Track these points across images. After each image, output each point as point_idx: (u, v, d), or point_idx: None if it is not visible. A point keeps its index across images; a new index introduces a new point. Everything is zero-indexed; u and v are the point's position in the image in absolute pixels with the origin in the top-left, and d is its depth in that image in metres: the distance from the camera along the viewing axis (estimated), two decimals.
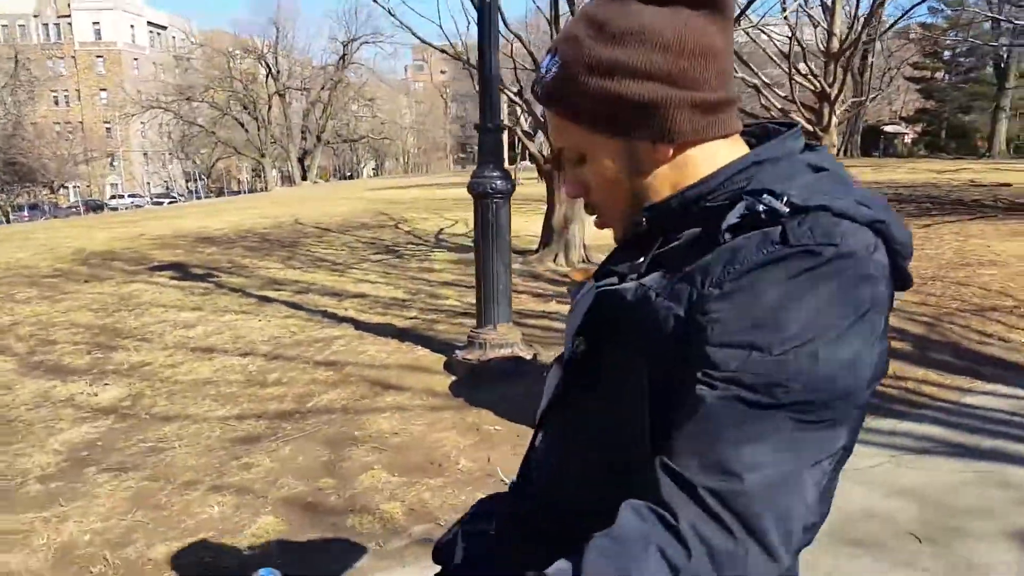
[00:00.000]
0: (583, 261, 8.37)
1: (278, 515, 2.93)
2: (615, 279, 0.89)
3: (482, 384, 4.29)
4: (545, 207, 9.46)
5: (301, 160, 50.77)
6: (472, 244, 10.71)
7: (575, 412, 0.93)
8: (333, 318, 6.17)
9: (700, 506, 0.66)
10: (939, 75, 43.00)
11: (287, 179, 51.12)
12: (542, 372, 4.29)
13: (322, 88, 50.74)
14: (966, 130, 41.45)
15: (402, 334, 5.54)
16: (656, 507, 0.68)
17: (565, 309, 6.14)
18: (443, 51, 8.82)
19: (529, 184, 26.70)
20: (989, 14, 13.89)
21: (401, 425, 3.82)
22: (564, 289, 7.06)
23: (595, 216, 0.93)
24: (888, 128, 41.93)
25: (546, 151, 8.63)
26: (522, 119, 11.45)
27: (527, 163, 32.37)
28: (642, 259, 0.86)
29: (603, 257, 0.98)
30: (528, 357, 4.49)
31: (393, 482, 3.20)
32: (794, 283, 0.68)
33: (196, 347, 5.38)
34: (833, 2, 12.60)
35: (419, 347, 5.16)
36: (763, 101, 13.01)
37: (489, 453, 3.45)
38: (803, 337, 0.67)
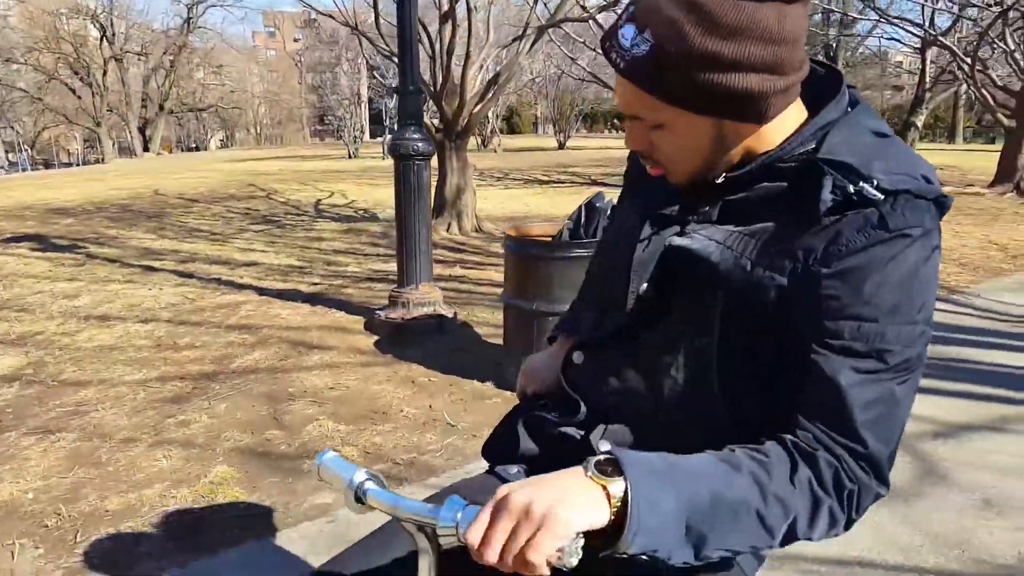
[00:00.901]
0: (476, 230, 8.56)
1: (232, 464, 2.95)
2: (677, 228, 0.94)
3: (407, 341, 4.41)
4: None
5: (142, 130, 47.17)
6: (357, 215, 10.66)
7: (639, 346, 0.98)
8: (230, 285, 6.02)
9: (835, 458, 0.80)
10: None
11: (126, 150, 47.38)
12: (461, 328, 4.49)
13: (164, 53, 47.28)
14: None
15: (312, 299, 5.51)
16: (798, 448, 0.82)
17: (473, 274, 6.35)
18: (330, 16, 8.62)
19: None
20: (825, 7, 15.23)
21: (334, 380, 3.87)
22: (462, 257, 7.23)
23: (653, 166, 0.94)
24: None
25: (436, 121, 8.70)
26: None
27: (390, 137, 32.04)
28: (707, 208, 0.92)
29: (494, 226, 1.12)
30: (449, 315, 4.64)
31: (342, 430, 3.28)
32: (894, 264, 0.80)
33: (88, 316, 5.10)
34: None
35: (333, 310, 5.18)
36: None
37: (429, 401, 3.59)
38: (908, 312, 0.81)
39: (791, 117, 0.89)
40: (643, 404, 0.96)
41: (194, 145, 62.86)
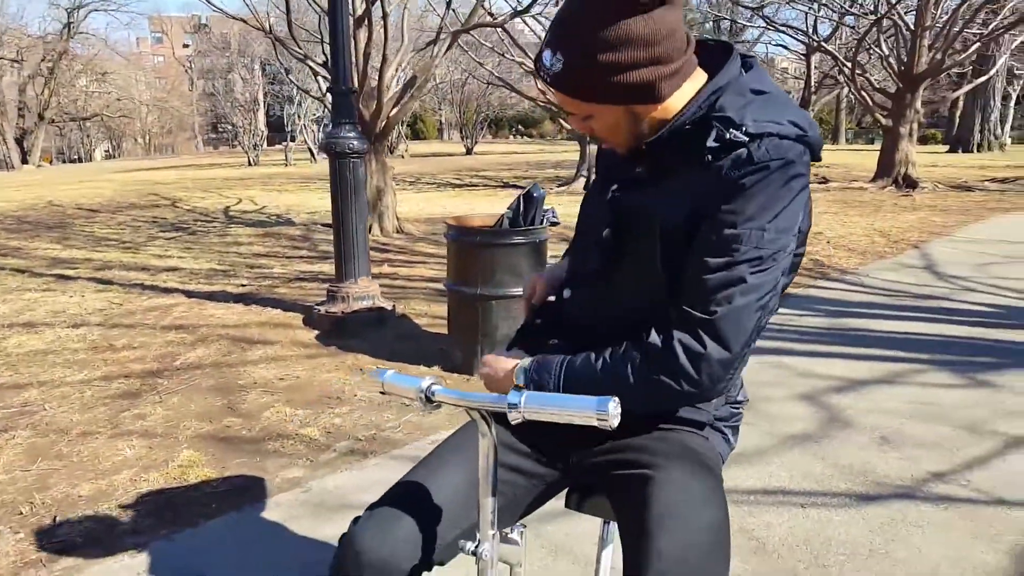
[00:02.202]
0: (398, 232, 8.69)
1: (197, 449, 3.04)
2: (616, 186, 1.24)
3: (349, 333, 4.54)
4: None
5: (19, 141, 44.34)
6: (270, 220, 10.56)
7: (606, 281, 1.25)
8: (155, 289, 5.96)
9: (689, 328, 1.10)
10: None
11: (2, 163, 44.42)
12: (401, 320, 4.67)
13: (42, 60, 44.61)
14: None
15: (243, 299, 5.54)
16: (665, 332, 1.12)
17: (404, 271, 6.50)
18: (243, 20, 8.57)
19: (302, 165, 26.16)
20: (716, 15, 16.16)
21: (283, 371, 3.98)
22: (388, 256, 7.36)
23: (602, 139, 1.24)
24: None
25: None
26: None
27: (294, 143, 31.43)
28: (640, 169, 1.21)
29: (415, 228, 1.42)
30: (389, 308, 4.81)
31: (300, 414, 3.41)
32: (757, 187, 1.07)
33: (12, 323, 4.97)
34: None
35: (269, 308, 5.24)
36: (540, 85, 14.11)
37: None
38: (760, 220, 1.07)
39: (689, 87, 1.14)
40: (615, 309, 1.25)
41: (76, 156, 59.41)
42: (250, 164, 27.58)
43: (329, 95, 4.64)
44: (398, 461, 2.94)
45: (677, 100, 1.14)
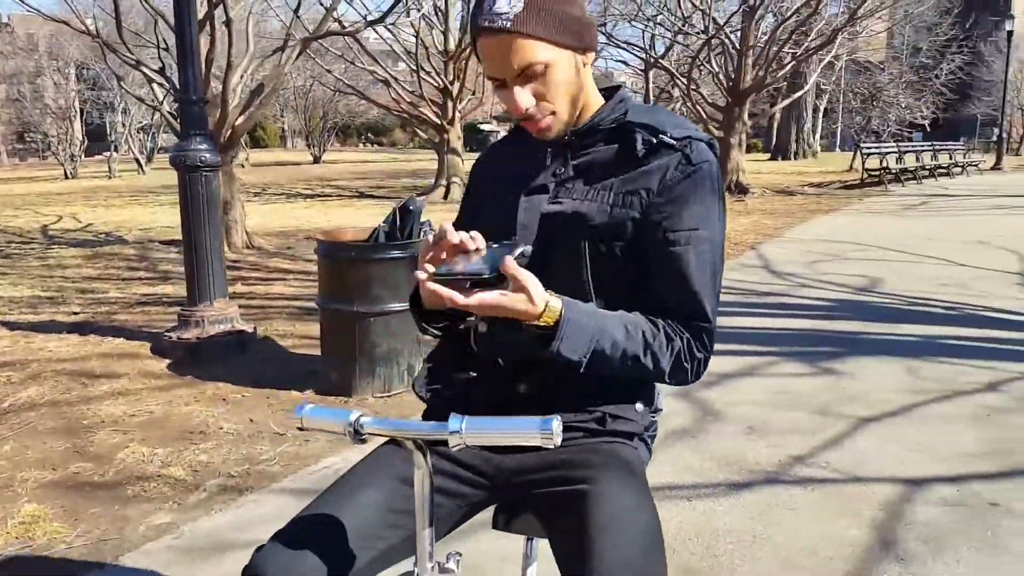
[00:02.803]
0: (248, 247, 8.24)
1: (41, 502, 2.70)
2: (546, 196, 1.22)
3: (207, 360, 4.23)
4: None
5: None
6: (99, 239, 9.71)
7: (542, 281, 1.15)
8: None
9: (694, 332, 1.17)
10: None
11: None
12: (263, 342, 4.45)
13: None
14: None
15: (78, 328, 5.03)
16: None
17: (260, 289, 6.17)
18: (65, 23, 7.81)
19: (129, 177, 24.26)
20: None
21: (135, 407, 3.63)
22: (241, 274, 6.96)
23: (537, 121, 1.17)
24: (483, 126, 46.96)
25: None
26: (166, 101, 10.51)
27: (118, 154, 29.09)
28: (562, 170, 1.22)
29: (266, 241, 1.34)
30: (250, 330, 4.53)
31: (160, 453, 3.12)
32: (700, 184, 1.17)
33: None
34: (446, 6, 13.99)
35: (109, 337, 4.78)
36: (393, 94, 13.94)
37: (248, 416, 3.52)
38: (711, 214, 1.18)
39: (598, 97, 1.24)
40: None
41: None
42: (67, 177, 25.20)
43: (167, 104, 4.31)
44: (278, 496, 2.76)
45: (593, 100, 1.22)
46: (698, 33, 13.90)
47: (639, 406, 1.25)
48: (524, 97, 1.14)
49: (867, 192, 15.78)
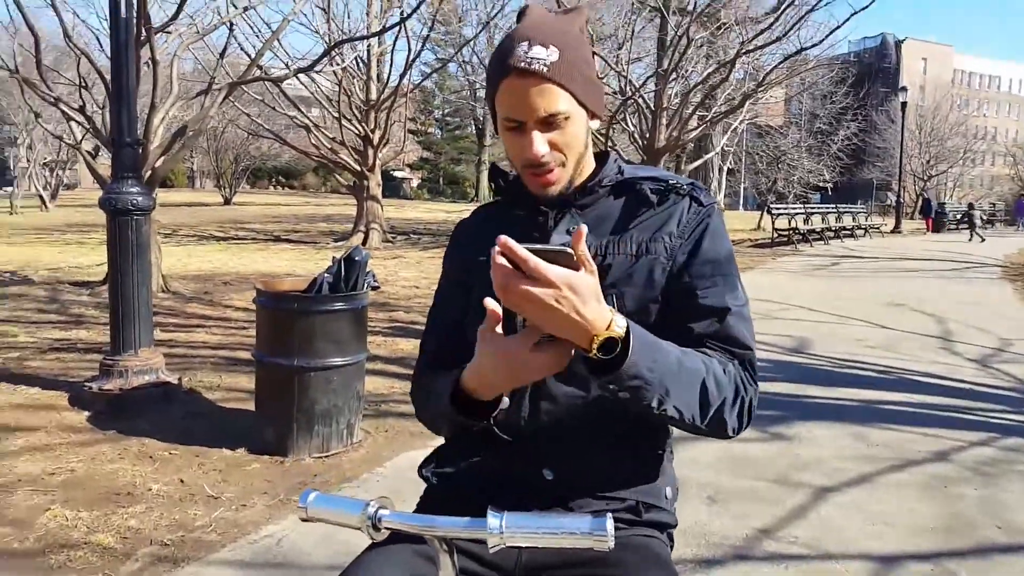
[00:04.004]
0: (164, 291, 7.91)
1: None
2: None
3: (130, 414, 4.01)
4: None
5: None
6: (3, 278, 9.11)
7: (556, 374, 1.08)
8: None
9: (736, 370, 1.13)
10: (432, 131, 50.16)
11: None
12: (189, 395, 4.29)
13: None
14: (457, 178, 49.36)
15: None
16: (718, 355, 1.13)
17: (182, 336, 5.93)
18: None
19: (31, 214, 22.97)
20: (466, 79, 17.12)
21: (54, 464, 3.40)
22: (158, 320, 6.66)
23: (546, 173, 1.16)
24: (396, 173, 47.02)
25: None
26: (85, 140, 10.00)
27: (20, 189, 27.51)
28: (573, 225, 1.17)
29: (182, 285, 1.28)
30: (174, 382, 4.33)
31: (84, 517, 2.92)
32: (715, 225, 1.21)
33: None
34: (368, 59, 14.12)
35: (22, 386, 4.47)
36: (313, 140, 13.84)
37: (178, 476, 3.35)
38: (728, 253, 1.21)
39: (592, 155, 1.25)
40: (574, 408, 1.15)
41: None
42: None
43: (85, 143, 4.15)
44: (218, 568, 2.62)
45: (589, 162, 1.23)
46: (613, 93, 14.47)
47: (668, 491, 1.22)
48: (541, 142, 1.14)
49: (778, 251, 16.60)
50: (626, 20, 15.85)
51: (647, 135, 14.78)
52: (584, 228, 0.94)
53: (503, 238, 0.90)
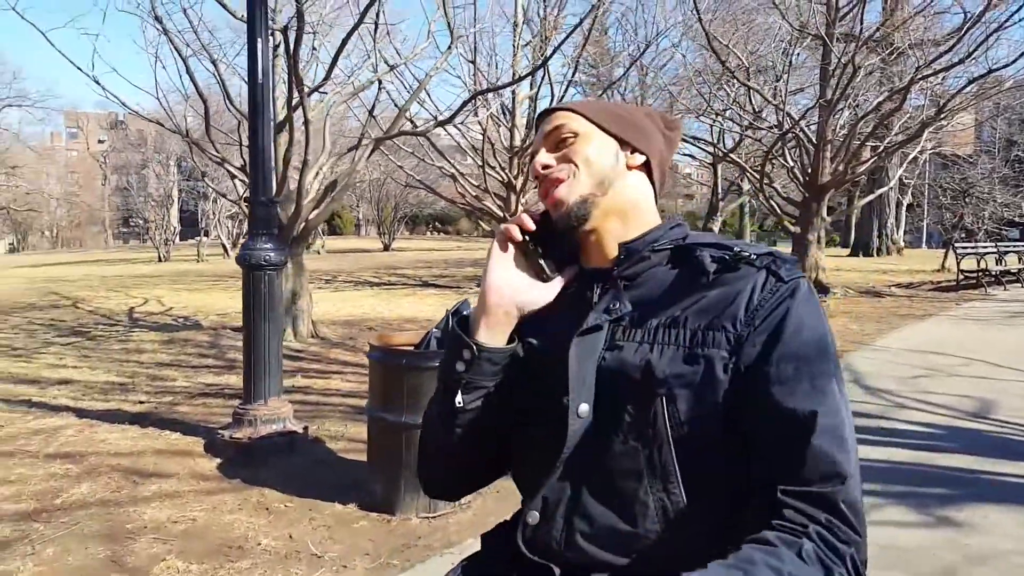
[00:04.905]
0: (313, 336, 8.32)
1: None
2: (600, 340, 0.98)
3: (256, 462, 4.15)
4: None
5: None
6: (177, 323, 10.02)
7: (595, 478, 0.96)
8: (44, 407, 5.40)
9: (823, 528, 0.84)
10: None
11: None
12: (314, 444, 4.31)
13: None
14: None
15: (140, 419, 5.06)
16: (781, 534, 0.84)
17: (318, 384, 6.14)
18: (159, 124, 8.32)
19: (215, 261, 25.41)
20: None
21: (179, 512, 3.55)
22: (302, 365, 6.98)
23: (552, 186, 1.05)
24: None
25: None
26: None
27: (208, 239, 30.63)
28: (616, 304, 0.99)
29: (330, 330, 1.19)
30: (300, 431, 4.44)
31: (194, 570, 2.99)
32: (803, 304, 0.94)
33: None
34: (513, 106, 14.39)
35: (167, 431, 4.77)
36: (458, 188, 14.26)
37: (288, 531, 3.37)
38: (821, 345, 0.92)
39: (653, 217, 1.08)
40: (617, 539, 0.95)
41: None
42: (161, 260, 26.70)
43: (245, 201, 4.41)
44: None
45: (646, 218, 1.08)
46: (770, 128, 13.76)
47: None
48: (543, 156, 1.07)
49: (964, 295, 14.84)
50: (785, 51, 15.14)
51: (809, 170, 13.92)
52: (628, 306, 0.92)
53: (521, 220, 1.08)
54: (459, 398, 1.05)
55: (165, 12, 8.54)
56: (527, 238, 1.07)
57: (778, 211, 14.28)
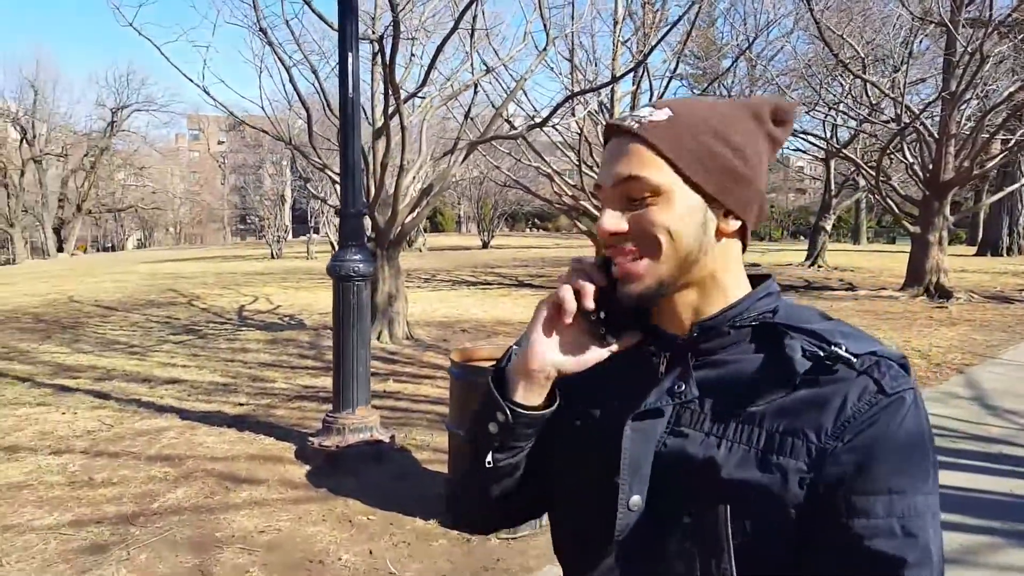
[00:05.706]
0: (407, 338, 8.44)
1: None
2: (662, 425, 0.86)
3: (342, 471, 4.19)
4: None
5: (57, 231, 45.60)
6: (283, 322, 10.40)
7: (653, 554, 0.86)
8: (151, 407, 5.68)
9: None
10: None
11: (39, 251, 45.53)
12: (400, 453, 4.29)
13: (85, 155, 46.40)
14: None
15: (238, 422, 5.24)
16: None
17: (408, 388, 6.19)
18: (264, 131, 8.65)
19: (323, 258, 26.36)
20: None
21: (265, 522, 3.62)
22: (395, 368, 7.07)
23: (623, 257, 0.87)
24: None
25: (368, 230, 8.67)
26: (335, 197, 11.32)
27: (319, 236, 31.83)
28: (683, 386, 0.86)
29: (425, 333, 1.01)
30: (387, 440, 4.47)
31: None
32: (903, 427, 0.79)
33: None
34: (612, 103, 14.15)
35: (261, 435, 4.92)
36: (555, 188, 14.15)
37: (368, 546, 3.37)
38: (920, 484, 0.78)
39: (743, 281, 0.90)
40: None
41: (110, 245, 61.12)
42: (273, 257, 27.96)
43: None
44: None
45: (731, 288, 0.89)
46: (887, 122, 12.91)
47: None
48: (612, 217, 0.85)
49: None
50: (904, 41, 14.17)
51: (930, 166, 12.99)
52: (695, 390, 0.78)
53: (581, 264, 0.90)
54: (490, 457, 0.93)
55: (269, 25, 8.85)
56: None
57: (896, 209, 13.39)
